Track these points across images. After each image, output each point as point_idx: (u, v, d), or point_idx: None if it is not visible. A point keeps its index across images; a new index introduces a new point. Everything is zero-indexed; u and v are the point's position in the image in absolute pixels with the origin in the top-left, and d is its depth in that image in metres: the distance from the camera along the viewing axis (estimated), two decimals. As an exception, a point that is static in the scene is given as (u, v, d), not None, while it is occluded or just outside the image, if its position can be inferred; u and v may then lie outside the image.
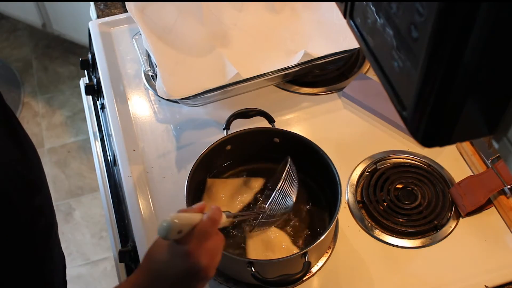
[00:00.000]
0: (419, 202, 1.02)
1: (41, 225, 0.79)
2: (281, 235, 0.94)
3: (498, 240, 0.98)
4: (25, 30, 2.82)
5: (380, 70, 0.59)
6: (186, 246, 0.68)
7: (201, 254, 0.69)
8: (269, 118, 1.04)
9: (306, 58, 1.15)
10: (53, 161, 2.35)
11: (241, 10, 1.27)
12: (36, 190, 0.78)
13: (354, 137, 1.14)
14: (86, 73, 1.45)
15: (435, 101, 0.50)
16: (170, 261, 0.69)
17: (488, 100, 0.52)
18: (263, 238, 0.94)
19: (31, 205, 0.76)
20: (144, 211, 1.03)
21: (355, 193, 1.04)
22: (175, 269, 0.69)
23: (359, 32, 0.64)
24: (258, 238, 0.94)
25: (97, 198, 2.21)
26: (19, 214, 0.71)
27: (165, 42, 1.20)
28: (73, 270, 1.98)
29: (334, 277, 0.95)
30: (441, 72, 0.48)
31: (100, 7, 1.39)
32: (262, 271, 0.84)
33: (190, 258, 0.68)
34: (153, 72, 1.19)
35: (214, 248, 0.71)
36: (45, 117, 2.50)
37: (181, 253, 0.68)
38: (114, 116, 1.17)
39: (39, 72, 2.67)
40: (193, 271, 0.69)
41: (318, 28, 1.24)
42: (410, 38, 0.50)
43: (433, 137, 0.54)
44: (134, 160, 1.10)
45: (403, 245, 0.98)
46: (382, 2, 0.55)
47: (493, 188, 0.99)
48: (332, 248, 0.96)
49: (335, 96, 1.20)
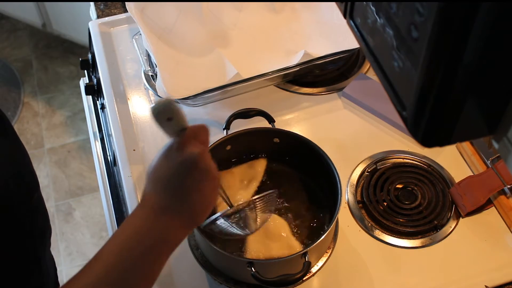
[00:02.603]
0: (419, 202, 1.02)
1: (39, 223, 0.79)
2: (280, 223, 0.94)
3: (498, 240, 0.99)
4: (25, 30, 2.82)
5: (380, 70, 0.59)
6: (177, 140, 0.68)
7: (193, 145, 0.68)
8: (269, 118, 1.04)
9: (306, 58, 1.15)
10: (53, 161, 2.35)
11: (241, 10, 1.27)
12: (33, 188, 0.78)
13: (354, 137, 1.14)
14: (86, 73, 1.45)
15: (435, 101, 0.50)
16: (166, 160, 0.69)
17: (488, 100, 0.52)
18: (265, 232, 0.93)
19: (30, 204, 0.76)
20: (144, 211, 1.03)
21: (355, 193, 1.04)
22: (171, 165, 0.68)
23: (359, 32, 0.64)
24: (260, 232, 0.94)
25: (97, 198, 2.21)
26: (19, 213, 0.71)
27: (165, 42, 1.20)
28: (73, 270, 1.99)
29: (334, 277, 0.95)
30: (441, 72, 0.48)
31: (100, 7, 1.39)
32: (262, 271, 0.84)
33: (184, 149, 0.68)
34: (153, 72, 1.19)
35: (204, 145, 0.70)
36: (45, 117, 2.50)
37: (174, 147, 0.68)
38: (114, 116, 1.17)
39: (39, 72, 2.67)
40: (189, 163, 0.67)
41: (318, 28, 1.24)
42: (410, 38, 0.50)
43: (433, 137, 0.54)
44: (134, 160, 1.10)
45: (403, 245, 0.98)
46: (382, 2, 0.55)
47: (493, 188, 0.99)
48: (332, 248, 0.95)
49: (335, 96, 1.20)
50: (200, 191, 0.69)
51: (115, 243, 0.68)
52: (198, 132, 0.70)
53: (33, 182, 0.79)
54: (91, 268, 0.65)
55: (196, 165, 0.68)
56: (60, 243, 2.08)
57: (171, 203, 0.68)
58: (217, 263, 0.92)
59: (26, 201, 0.74)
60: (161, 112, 0.68)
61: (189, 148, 0.68)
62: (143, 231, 0.68)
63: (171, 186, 0.68)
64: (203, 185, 0.69)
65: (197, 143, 0.69)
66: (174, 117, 0.68)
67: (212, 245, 0.85)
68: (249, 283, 0.90)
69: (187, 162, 0.68)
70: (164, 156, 0.70)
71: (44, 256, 0.82)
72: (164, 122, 0.68)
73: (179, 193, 0.69)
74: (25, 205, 0.73)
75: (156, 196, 0.69)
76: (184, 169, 0.68)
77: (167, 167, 0.69)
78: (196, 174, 0.68)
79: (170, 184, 0.69)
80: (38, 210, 0.79)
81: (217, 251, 0.86)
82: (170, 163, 0.69)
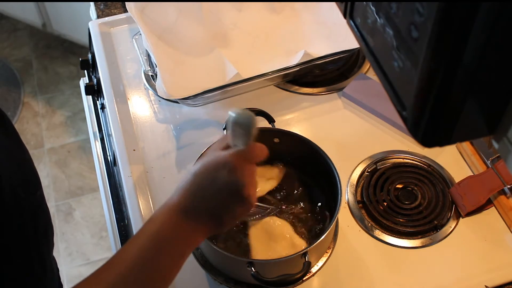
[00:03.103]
0: (419, 202, 1.02)
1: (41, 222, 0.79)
2: (283, 225, 0.94)
3: (498, 240, 0.98)
4: (25, 30, 2.82)
5: (380, 70, 0.59)
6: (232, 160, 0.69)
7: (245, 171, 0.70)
8: (269, 118, 1.04)
9: (306, 58, 1.15)
10: (53, 161, 2.35)
11: (241, 10, 1.27)
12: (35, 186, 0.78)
13: (354, 137, 1.14)
14: (86, 73, 1.45)
15: (435, 101, 0.50)
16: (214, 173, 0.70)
17: (488, 100, 0.52)
18: (265, 228, 0.94)
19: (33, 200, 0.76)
20: (144, 211, 1.03)
21: (355, 193, 1.04)
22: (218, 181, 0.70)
23: (359, 32, 0.64)
24: (260, 228, 0.94)
25: (97, 198, 2.21)
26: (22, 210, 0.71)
27: (165, 42, 1.20)
28: (73, 270, 1.99)
29: (334, 277, 0.95)
30: (441, 72, 0.48)
31: (100, 7, 1.39)
32: (262, 271, 0.84)
33: (234, 173, 0.69)
34: (153, 72, 1.19)
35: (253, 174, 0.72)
36: (45, 117, 2.50)
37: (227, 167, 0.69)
38: (114, 116, 1.17)
39: (39, 72, 2.67)
40: (234, 187, 0.69)
41: (318, 28, 1.24)
42: (410, 38, 0.50)
43: (433, 137, 0.54)
44: (134, 160, 1.10)
45: (403, 245, 0.98)
46: (382, 2, 0.55)
47: (493, 188, 0.99)
48: (332, 248, 0.96)
49: (335, 96, 1.20)
50: (232, 213, 0.72)
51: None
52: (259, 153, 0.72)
53: (35, 180, 0.79)
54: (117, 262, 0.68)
55: (239, 193, 0.70)
56: (60, 243, 2.08)
57: (204, 212, 0.71)
58: (217, 263, 0.92)
59: (28, 199, 0.74)
60: (241, 125, 0.69)
61: (240, 173, 0.70)
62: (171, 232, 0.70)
63: (209, 198, 0.71)
64: (237, 209, 0.72)
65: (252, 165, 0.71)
66: (248, 132, 0.70)
67: (212, 245, 0.86)
68: (249, 283, 0.90)
69: (232, 187, 0.70)
70: (214, 166, 0.71)
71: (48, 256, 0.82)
72: (238, 131, 0.70)
73: (213, 205, 0.71)
74: (28, 203, 0.73)
75: (191, 200, 0.71)
76: (227, 191, 0.70)
77: (212, 178, 0.70)
78: (235, 200, 0.71)
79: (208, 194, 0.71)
80: (40, 208, 0.79)
81: (217, 251, 0.86)
82: (217, 177, 0.70)
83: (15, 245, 0.69)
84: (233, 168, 0.70)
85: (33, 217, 0.74)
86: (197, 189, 0.71)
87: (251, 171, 0.71)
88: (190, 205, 0.71)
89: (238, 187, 0.70)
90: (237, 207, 0.72)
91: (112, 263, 0.68)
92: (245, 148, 0.71)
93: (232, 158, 0.70)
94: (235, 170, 0.70)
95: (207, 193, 0.71)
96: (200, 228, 0.71)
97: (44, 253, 0.79)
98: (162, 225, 0.71)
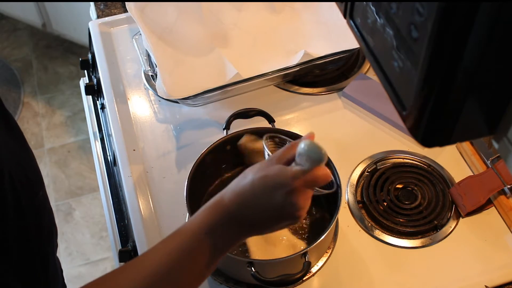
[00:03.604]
0: (419, 202, 1.02)
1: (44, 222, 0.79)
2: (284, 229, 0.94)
3: (498, 240, 0.99)
4: (25, 30, 2.82)
5: (380, 70, 0.59)
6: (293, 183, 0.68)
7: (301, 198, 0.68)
8: (269, 118, 1.04)
9: (306, 58, 1.15)
10: (53, 161, 2.35)
11: (241, 10, 1.27)
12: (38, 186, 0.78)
13: (354, 137, 1.14)
14: (86, 73, 1.45)
15: (435, 101, 0.50)
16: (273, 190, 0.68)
17: (488, 100, 0.52)
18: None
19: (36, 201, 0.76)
20: (144, 211, 1.03)
21: (355, 193, 1.04)
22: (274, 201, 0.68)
23: (359, 32, 0.64)
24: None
25: (97, 198, 2.21)
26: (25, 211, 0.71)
27: (165, 42, 1.20)
28: (73, 270, 1.99)
29: (334, 277, 0.95)
30: (441, 72, 0.48)
31: (100, 7, 1.39)
32: (262, 271, 0.84)
33: (293, 196, 0.68)
34: (153, 72, 1.19)
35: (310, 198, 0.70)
36: (45, 117, 2.50)
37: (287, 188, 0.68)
38: (114, 116, 1.17)
39: (39, 72, 2.67)
40: (289, 210, 0.68)
41: (318, 28, 1.24)
42: (410, 38, 0.50)
43: (433, 137, 0.54)
44: (134, 160, 1.10)
45: (403, 245, 0.98)
46: (382, 2, 0.55)
47: (493, 188, 0.99)
48: (332, 248, 0.96)
49: (335, 96, 1.20)
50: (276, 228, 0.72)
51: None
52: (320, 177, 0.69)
53: (38, 179, 0.79)
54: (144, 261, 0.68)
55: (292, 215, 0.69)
56: (60, 243, 2.08)
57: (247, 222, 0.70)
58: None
59: (32, 200, 0.74)
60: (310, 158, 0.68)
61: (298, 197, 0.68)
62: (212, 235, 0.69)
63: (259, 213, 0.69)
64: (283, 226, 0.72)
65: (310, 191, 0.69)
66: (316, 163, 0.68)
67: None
68: (249, 283, 0.90)
69: (287, 210, 0.69)
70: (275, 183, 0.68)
71: (53, 256, 0.82)
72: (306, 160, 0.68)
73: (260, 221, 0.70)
74: (31, 204, 0.73)
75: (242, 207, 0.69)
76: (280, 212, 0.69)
77: (269, 196, 0.68)
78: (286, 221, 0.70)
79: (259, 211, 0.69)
80: (44, 208, 0.79)
81: (217, 251, 0.86)
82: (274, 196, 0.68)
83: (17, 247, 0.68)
84: (293, 191, 0.68)
85: (36, 218, 0.74)
86: (251, 199, 0.69)
87: (308, 195, 0.70)
88: (239, 212, 0.69)
89: (293, 210, 0.68)
90: (283, 226, 0.72)
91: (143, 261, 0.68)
92: (309, 170, 0.68)
93: (294, 181, 0.68)
94: (294, 193, 0.68)
95: (260, 208, 0.69)
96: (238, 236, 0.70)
97: (48, 254, 0.79)
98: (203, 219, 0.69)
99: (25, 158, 0.78)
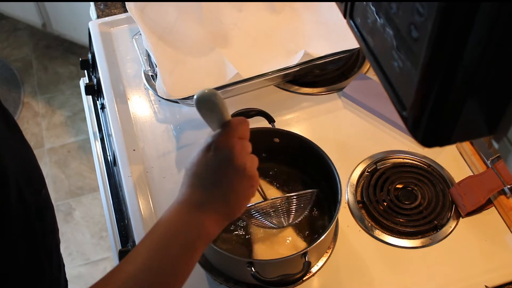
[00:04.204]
0: (419, 202, 1.02)
1: (49, 220, 0.79)
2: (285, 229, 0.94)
3: (498, 240, 0.99)
4: (25, 30, 2.82)
5: (380, 70, 0.59)
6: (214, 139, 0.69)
7: (230, 141, 0.69)
8: (269, 118, 1.04)
9: (306, 58, 1.15)
10: (53, 161, 2.35)
11: (241, 10, 1.27)
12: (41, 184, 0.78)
13: (354, 137, 1.14)
14: (86, 73, 1.45)
15: (435, 101, 0.50)
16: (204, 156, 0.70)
17: (488, 100, 0.52)
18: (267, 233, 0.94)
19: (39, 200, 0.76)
20: (144, 211, 1.03)
21: (355, 193, 1.04)
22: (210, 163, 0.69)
23: (359, 32, 0.64)
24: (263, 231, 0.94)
25: (97, 198, 2.21)
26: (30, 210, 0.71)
27: (165, 42, 1.20)
28: (73, 270, 1.98)
29: (334, 277, 0.95)
30: (441, 72, 0.48)
31: (100, 7, 1.39)
32: (262, 271, 0.84)
33: (221, 148, 0.68)
34: (153, 72, 1.19)
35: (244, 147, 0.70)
36: (45, 117, 2.50)
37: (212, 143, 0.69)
38: (114, 116, 1.17)
39: (39, 72, 2.67)
40: (226, 161, 0.69)
41: (318, 28, 1.24)
42: (410, 38, 0.50)
43: (433, 137, 0.54)
44: (134, 160, 1.10)
45: (403, 245, 0.98)
46: (382, 2, 0.55)
47: (493, 188, 0.99)
48: (332, 248, 0.96)
49: (335, 96, 1.20)
50: (235, 190, 0.70)
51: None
52: (238, 126, 0.70)
53: (40, 178, 0.79)
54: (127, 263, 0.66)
55: (231, 163, 0.69)
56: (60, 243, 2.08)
57: (207, 199, 0.69)
58: (217, 263, 0.92)
59: (35, 199, 0.74)
60: (201, 102, 0.69)
61: (226, 145, 0.69)
62: (179, 226, 0.69)
63: (208, 183, 0.70)
64: (238, 184, 0.70)
65: (236, 139, 0.70)
66: (215, 110, 0.69)
67: (212, 245, 0.85)
68: (249, 283, 0.90)
69: (222, 160, 0.69)
70: (202, 151, 0.70)
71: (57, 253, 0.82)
72: (205, 112, 0.70)
73: (214, 190, 0.70)
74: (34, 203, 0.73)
75: (192, 192, 0.70)
76: (219, 167, 0.69)
77: (205, 163, 0.70)
78: (231, 173, 0.69)
79: (206, 181, 0.70)
80: (46, 207, 0.79)
81: (217, 251, 0.86)
82: (207, 159, 0.70)
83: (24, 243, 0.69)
84: (218, 145, 0.69)
85: (40, 217, 0.74)
86: (194, 181, 0.70)
87: (240, 145, 0.70)
88: (194, 197, 0.70)
89: (229, 160, 0.68)
90: (238, 181, 0.70)
91: (121, 266, 0.67)
92: (222, 126, 0.70)
93: (214, 138, 0.70)
94: (221, 146, 0.69)
95: (204, 181, 0.70)
96: (209, 216, 0.69)
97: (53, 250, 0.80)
98: (170, 222, 0.69)
99: (26, 157, 0.78)
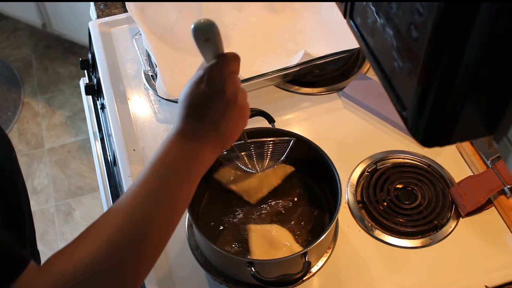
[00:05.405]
0: (419, 202, 1.02)
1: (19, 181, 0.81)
2: (283, 232, 0.94)
3: (498, 240, 0.99)
4: (25, 30, 2.82)
5: (380, 70, 0.59)
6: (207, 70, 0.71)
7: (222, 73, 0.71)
8: (269, 118, 1.04)
9: (306, 58, 1.15)
10: (53, 161, 2.35)
11: (241, 10, 1.27)
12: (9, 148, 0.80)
13: (354, 137, 1.14)
14: (86, 73, 1.45)
15: (435, 101, 0.51)
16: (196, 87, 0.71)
17: (488, 100, 0.52)
18: (266, 235, 0.94)
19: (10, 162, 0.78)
20: (144, 211, 1.03)
21: (355, 193, 1.04)
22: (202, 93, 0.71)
23: (359, 32, 0.64)
24: (261, 235, 0.94)
25: (97, 198, 2.21)
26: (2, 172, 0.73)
27: (165, 42, 1.20)
28: (73, 270, 1.98)
29: (334, 277, 0.95)
30: (441, 72, 0.48)
31: (100, 7, 1.39)
32: (262, 271, 0.84)
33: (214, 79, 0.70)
34: (153, 72, 1.19)
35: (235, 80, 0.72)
36: (45, 117, 2.50)
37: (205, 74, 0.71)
38: (114, 116, 1.17)
39: (39, 72, 2.67)
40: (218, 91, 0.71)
41: (318, 28, 1.24)
42: (410, 38, 0.50)
43: (433, 137, 0.54)
44: (134, 160, 1.10)
45: (403, 245, 0.98)
46: (382, 2, 0.55)
47: (493, 188, 0.99)
48: (332, 248, 0.95)
49: (335, 96, 1.20)
50: (226, 119, 0.72)
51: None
52: (230, 60, 0.72)
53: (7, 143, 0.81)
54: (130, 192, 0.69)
55: (224, 94, 0.71)
56: (60, 243, 2.08)
57: (200, 128, 0.72)
58: (217, 263, 0.92)
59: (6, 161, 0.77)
60: (199, 31, 0.70)
61: (218, 77, 0.71)
62: (176, 155, 0.71)
63: (201, 113, 0.72)
64: (230, 114, 0.72)
65: (228, 72, 0.72)
66: (211, 39, 0.70)
67: (212, 245, 0.85)
68: (249, 283, 0.90)
69: (215, 91, 0.71)
70: (195, 83, 0.72)
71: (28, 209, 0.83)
72: (201, 42, 0.70)
73: (207, 119, 0.72)
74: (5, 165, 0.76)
75: (186, 123, 0.72)
76: (212, 97, 0.71)
77: (197, 94, 0.72)
78: (223, 103, 0.72)
79: (199, 112, 0.72)
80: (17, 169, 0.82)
81: (217, 251, 0.86)
82: (200, 91, 0.71)
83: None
84: (211, 76, 0.71)
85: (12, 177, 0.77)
86: (188, 112, 0.72)
87: (231, 78, 0.72)
88: (188, 128, 0.72)
89: (222, 91, 0.71)
90: (229, 112, 0.72)
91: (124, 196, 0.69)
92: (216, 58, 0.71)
93: (207, 70, 0.71)
94: (214, 77, 0.71)
95: (197, 109, 0.72)
96: (203, 144, 0.72)
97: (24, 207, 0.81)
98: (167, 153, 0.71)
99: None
